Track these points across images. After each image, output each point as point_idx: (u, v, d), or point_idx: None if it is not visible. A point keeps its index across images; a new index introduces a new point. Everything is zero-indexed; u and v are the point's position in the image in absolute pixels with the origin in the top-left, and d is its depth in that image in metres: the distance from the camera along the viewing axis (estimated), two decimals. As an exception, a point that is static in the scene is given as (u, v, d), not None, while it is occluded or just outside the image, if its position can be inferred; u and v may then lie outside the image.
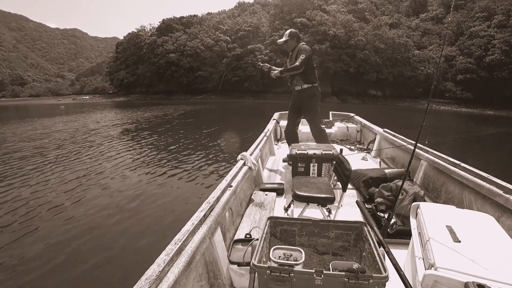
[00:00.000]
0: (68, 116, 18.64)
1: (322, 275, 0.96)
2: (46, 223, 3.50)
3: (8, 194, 4.44)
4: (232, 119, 14.44)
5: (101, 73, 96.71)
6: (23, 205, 4.00)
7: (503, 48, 31.43)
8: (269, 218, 1.36)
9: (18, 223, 3.49)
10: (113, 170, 5.66)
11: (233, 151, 7.15)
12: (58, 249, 2.95)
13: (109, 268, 2.66)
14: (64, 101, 55.36)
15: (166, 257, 1.05)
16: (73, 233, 3.26)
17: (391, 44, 38.61)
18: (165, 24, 56.94)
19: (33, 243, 3.07)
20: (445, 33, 37.65)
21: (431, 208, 1.37)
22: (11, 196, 4.34)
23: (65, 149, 7.62)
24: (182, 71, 49.46)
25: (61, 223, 3.48)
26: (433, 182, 2.53)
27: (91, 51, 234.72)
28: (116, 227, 3.40)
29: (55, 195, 4.38)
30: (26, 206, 3.98)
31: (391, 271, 0.97)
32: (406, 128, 11.47)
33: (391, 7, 48.31)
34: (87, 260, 2.76)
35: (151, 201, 4.11)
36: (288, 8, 45.85)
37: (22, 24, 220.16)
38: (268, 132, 3.95)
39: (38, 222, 3.51)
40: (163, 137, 9.38)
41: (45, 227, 3.40)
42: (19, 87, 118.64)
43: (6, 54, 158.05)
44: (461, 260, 0.99)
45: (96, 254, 2.85)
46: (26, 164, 6.19)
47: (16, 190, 4.58)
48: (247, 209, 2.21)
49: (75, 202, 4.10)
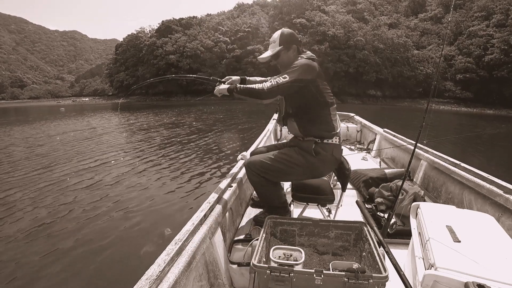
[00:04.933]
0: (70, 119, 18.64)
1: (322, 275, 0.96)
2: (47, 222, 3.50)
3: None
4: (232, 119, 14.46)
5: (100, 75, 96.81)
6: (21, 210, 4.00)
7: (502, 48, 31.52)
8: (269, 218, 1.36)
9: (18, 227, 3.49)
10: (111, 169, 5.66)
11: (233, 151, 7.15)
12: (59, 249, 2.95)
13: (110, 268, 2.66)
14: (64, 103, 55.40)
15: (167, 257, 1.05)
16: (74, 233, 3.26)
17: (390, 44, 38.71)
18: (165, 25, 57.05)
19: (33, 243, 3.07)
20: (444, 32, 37.69)
21: (431, 208, 1.37)
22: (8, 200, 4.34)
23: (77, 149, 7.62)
24: (182, 72, 49.52)
25: (68, 223, 3.48)
26: (433, 182, 2.53)
27: (91, 53, 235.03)
28: (114, 225, 3.40)
29: (57, 195, 4.38)
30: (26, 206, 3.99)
31: (391, 271, 0.97)
32: (406, 128, 11.48)
33: (390, 7, 48.48)
34: (87, 260, 2.77)
35: (151, 201, 4.11)
36: (287, 9, 45.99)
37: (22, 27, 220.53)
38: (268, 132, 3.95)
39: (40, 222, 3.51)
40: (163, 137, 9.38)
41: (45, 227, 3.40)
42: (19, 89, 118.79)
43: (6, 56, 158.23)
44: (461, 260, 0.99)
45: (97, 254, 2.85)
46: (17, 169, 6.19)
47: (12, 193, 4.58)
48: (247, 209, 2.20)
49: (76, 203, 4.10)
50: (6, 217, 3.71)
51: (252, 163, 1.64)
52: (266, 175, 1.60)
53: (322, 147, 1.59)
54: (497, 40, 32.35)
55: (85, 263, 2.74)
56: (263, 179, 1.61)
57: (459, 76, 34.44)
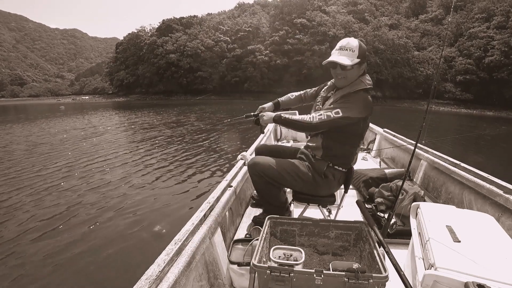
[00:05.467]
0: (71, 117, 18.61)
1: (322, 275, 0.96)
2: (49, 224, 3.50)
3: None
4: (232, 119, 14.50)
5: (100, 74, 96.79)
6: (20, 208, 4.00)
7: (503, 49, 31.51)
8: (269, 218, 1.36)
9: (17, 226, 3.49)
10: (109, 169, 5.66)
11: (233, 151, 7.15)
12: (60, 248, 2.95)
13: (110, 268, 2.65)
14: (64, 101, 55.32)
15: (166, 257, 1.05)
16: (74, 233, 3.26)
17: (390, 45, 38.70)
18: (165, 24, 57.02)
19: (34, 242, 3.07)
20: (445, 34, 37.70)
21: (431, 208, 1.37)
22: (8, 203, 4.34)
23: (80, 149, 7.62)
24: (182, 72, 49.53)
25: (69, 224, 3.48)
26: (433, 182, 2.53)
27: (91, 51, 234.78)
28: (114, 225, 3.39)
29: (58, 195, 4.38)
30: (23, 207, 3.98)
31: (391, 271, 0.97)
32: (408, 129, 11.48)
33: (390, 8, 48.46)
34: (87, 260, 2.76)
35: (151, 201, 4.11)
36: (288, 9, 45.95)
37: (22, 24, 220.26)
38: (268, 132, 3.95)
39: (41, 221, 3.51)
40: (164, 138, 9.38)
41: (47, 227, 3.39)
42: (19, 87, 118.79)
43: (6, 54, 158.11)
44: (461, 260, 0.99)
45: (98, 255, 2.85)
46: (15, 167, 6.18)
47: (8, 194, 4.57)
48: (247, 209, 2.20)
49: (77, 202, 4.10)
50: (9, 215, 3.71)
51: (257, 164, 1.58)
52: (269, 179, 1.59)
53: (332, 172, 1.57)
54: (498, 42, 32.33)
55: (85, 263, 2.74)
56: (265, 181, 1.60)
57: (459, 78, 34.42)
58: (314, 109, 1.67)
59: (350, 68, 1.43)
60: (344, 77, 1.47)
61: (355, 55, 1.42)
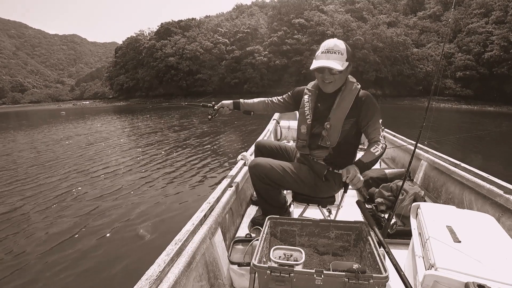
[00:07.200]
0: (72, 123, 18.67)
1: (322, 275, 0.96)
2: (50, 223, 3.51)
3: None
4: (233, 119, 14.46)
5: (100, 78, 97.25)
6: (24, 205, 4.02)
7: (502, 44, 31.46)
8: (269, 218, 1.36)
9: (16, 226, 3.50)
10: (108, 169, 5.67)
11: (233, 151, 7.16)
12: (61, 249, 2.96)
13: (110, 268, 2.66)
14: (65, 106, 55.56)
15: (166, 257, 1.05)
16: (74, 233, 3.27)
17: (389, 42, 38.70)
18: (164, 28, 57.26)
19: (33, 240, 3.08)
20: (445, 30, 37.60)
21: (431, 208, 1.36)
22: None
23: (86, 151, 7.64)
24: (182, 74, 49.70)
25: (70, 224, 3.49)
26: (433, 182, 2.53)
27: (91, 56, 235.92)
28: (115, 224, 3.40)
29: (60, 195, 4.39)
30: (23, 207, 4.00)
31: (391, 271, 0.97)
32: (409, 127, 11.45)
33: (388, 6, 48.48)
34: (87, 259, 2.78)
35: (150, 201, 4.12)
36: (286, 9, 46.08)
37: (22, 31, 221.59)
38: (268, 133, 3.96)
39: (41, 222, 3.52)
40: (163, 138, 9.39)
41: (47, 228, 3.41)
42: (19, 93, 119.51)
43: (6, 61, 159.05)
44: (461, 260, 0.98)
45: (97, 254, 2.86)
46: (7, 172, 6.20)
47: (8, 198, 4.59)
48: (247, 209, 2.20)
49: (78, 203, 4.11)
50: (14, 219, 3.73)
51: (259, 166, 1.58)
52: (270, 181, 1.59)
53: (332, 175, 1.57)
54: (497, 37, 32.28)
55: (85, 263, 2.76)
56: (266, 183, 1.61)
57: (459, 74, 34.35)
58: (303, 122, 1.60)
59: (340, 72, 1.39)
60: (332, 81, 1.43)
61: (344, 58, 1.38)
